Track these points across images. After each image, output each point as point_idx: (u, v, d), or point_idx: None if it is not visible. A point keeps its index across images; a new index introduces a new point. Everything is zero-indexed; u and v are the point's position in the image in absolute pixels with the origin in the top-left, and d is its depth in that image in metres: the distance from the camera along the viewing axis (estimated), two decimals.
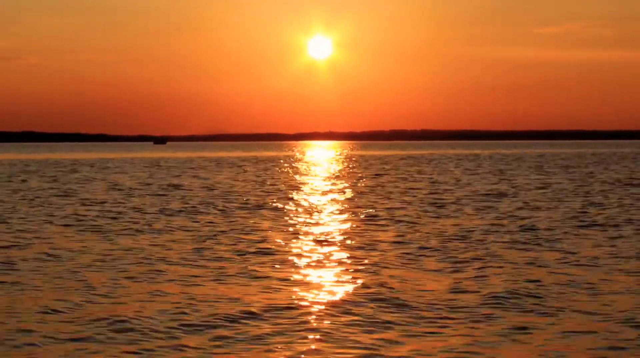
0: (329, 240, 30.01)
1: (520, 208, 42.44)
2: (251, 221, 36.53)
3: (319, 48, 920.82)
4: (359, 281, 21.03)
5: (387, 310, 17.73)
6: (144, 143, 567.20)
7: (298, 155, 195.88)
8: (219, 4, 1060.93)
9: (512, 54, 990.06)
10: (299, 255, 25.92)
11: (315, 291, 19.89)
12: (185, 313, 17.31)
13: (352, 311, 17.54)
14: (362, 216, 38.33)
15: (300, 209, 42.65)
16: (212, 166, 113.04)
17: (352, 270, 22.90)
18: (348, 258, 25.32)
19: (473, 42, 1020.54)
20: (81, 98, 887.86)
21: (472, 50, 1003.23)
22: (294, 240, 29.84)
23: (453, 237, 30.42)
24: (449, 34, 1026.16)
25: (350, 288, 20.23)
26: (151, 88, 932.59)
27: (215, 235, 31.31)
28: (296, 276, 22.06)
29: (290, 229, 33.65)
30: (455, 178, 75.03)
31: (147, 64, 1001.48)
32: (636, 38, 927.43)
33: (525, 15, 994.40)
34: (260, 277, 21.92)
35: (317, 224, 35.61)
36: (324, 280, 21.56)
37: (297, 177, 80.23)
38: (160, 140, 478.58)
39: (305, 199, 50.06)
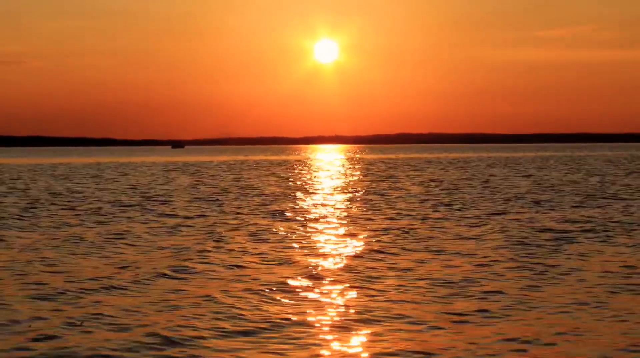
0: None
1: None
2: None
3: (325, 52, 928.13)
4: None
5: None
6: (161, 146, 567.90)
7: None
8: (225, 7, 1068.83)
9: (517, 56, 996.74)
10: None
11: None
12: None
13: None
14: None
15: None
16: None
17: None
18: None
19: (478, 45, 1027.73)
20: (85, 102, 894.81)
21: (478, 53, 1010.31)
22: None
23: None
24: (454, 37, 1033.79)
25: None
26: (156, 92, 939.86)
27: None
28: None
29: None
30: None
31: (153, 68, 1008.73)
32: None
33: (531, 18, 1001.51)
34: None
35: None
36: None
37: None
38: (178, 144, 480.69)
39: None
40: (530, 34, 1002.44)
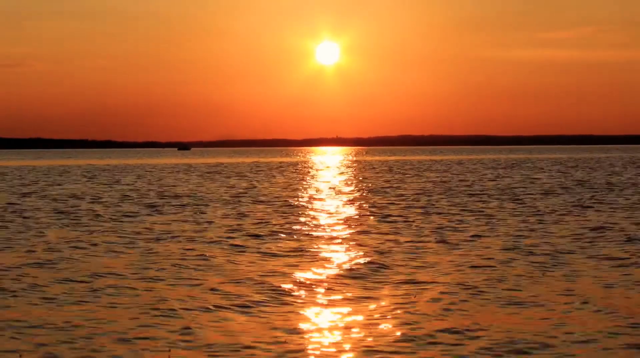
0: None
1: None
2: None
3: (327, 54, 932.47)
4: None
5: None
6: (166, 149, 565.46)
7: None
8: (227, 10, 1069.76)
9: (520, 58, 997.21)
10: None
11: None
12: None
13: None
14: None
15: None
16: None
17: None
18: None
19: (481, 47, 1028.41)
20: (87, 104, 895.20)
21: (480, 55, 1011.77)
22: None
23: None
24: (456, 39, 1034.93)
25: None
26: (158, 95, 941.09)
27: None
28: None
29: None
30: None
31: (154, 71, 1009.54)
32: None
33: (534, 20, 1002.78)
34: None
35: None
36: None
37: None
38: (184, 146, 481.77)
39: None
40: (533, 36, 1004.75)
